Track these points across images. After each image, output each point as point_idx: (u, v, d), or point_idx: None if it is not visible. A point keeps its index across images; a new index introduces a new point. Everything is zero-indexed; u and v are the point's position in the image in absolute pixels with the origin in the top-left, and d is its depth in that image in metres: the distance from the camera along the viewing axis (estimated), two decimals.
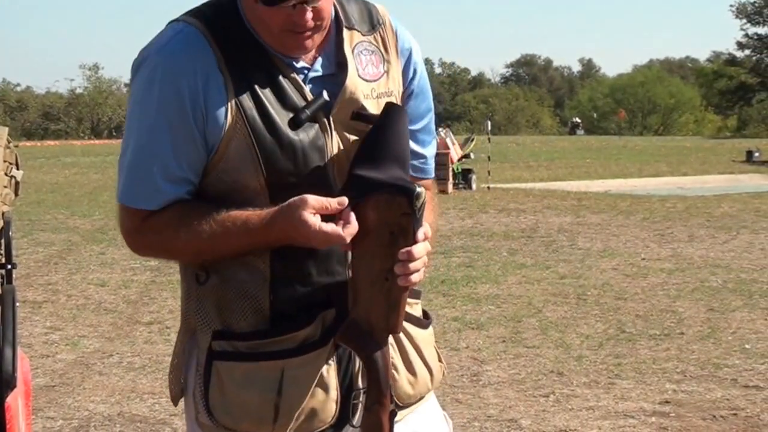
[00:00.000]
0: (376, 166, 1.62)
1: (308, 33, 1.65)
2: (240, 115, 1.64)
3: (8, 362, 2.45)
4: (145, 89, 1.66)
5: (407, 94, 1.81)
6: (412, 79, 1.81)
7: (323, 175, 1.67)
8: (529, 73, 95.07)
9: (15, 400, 2.48)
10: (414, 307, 1.81)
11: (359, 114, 1.70)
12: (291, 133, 1.65)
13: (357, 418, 1.72)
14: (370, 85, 1.73)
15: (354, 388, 1.71)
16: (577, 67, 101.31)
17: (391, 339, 1.70)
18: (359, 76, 1.72)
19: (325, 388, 1.69)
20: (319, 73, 1.71)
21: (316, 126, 1.68)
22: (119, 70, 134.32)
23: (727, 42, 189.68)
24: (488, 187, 16.41)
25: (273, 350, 1.67)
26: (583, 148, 33.18)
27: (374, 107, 1.72)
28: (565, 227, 11.23)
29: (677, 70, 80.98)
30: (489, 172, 17.20)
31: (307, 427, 1.70)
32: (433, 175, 1.90)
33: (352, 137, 1.70)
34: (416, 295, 1.83)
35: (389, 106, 1.68)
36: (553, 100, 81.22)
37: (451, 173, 16.11)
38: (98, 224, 11.66)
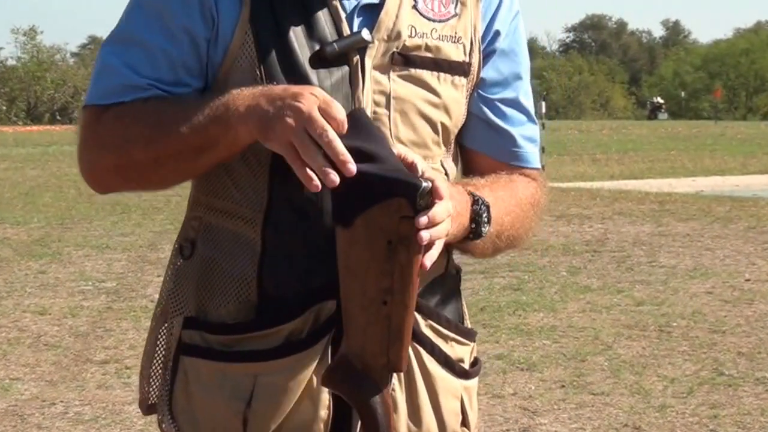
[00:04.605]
0: (369, 159, 1.58)
1: None
2: (251, 37, 1.69)
3: None
4: None
5: (486, 52, 1.83)
6: (494, 38, 1.84)
7: None
8: (596, 39, 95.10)
9: None
10: (455, 348, 1.81)
11: (402, 56, 1.72)
12: (309, 70, 1.69)
13: None
14: (431, 24, 1.77)
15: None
16: (659, 32, 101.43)
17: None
18: (417, 9, 1.76)
19: (311, 402, 1.70)
20: (375, 0, 1.74)
21: (345, 68, 1.71)
22: (63, 35, 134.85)
23: None
24: None
25: (247, 349, 1.70)
26: (666, 137, 33.12)
27: (431, 51, 1.75)
28: (642, 239, 11.23)
29: None
30: (543, 167, 17.13)
31: None
32: (533, 164, 1.91)
33: (398, 85, 1.73)
34: (465, 334, 1.84)
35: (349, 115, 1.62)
36: (628, 74, 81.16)
37: None
38: (37, 234, 11.72)
